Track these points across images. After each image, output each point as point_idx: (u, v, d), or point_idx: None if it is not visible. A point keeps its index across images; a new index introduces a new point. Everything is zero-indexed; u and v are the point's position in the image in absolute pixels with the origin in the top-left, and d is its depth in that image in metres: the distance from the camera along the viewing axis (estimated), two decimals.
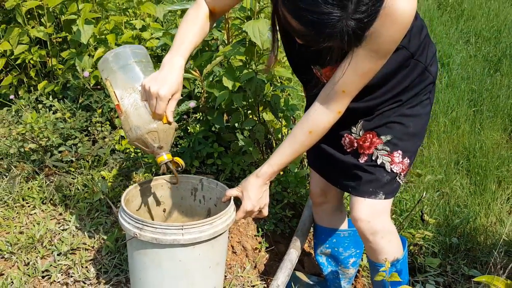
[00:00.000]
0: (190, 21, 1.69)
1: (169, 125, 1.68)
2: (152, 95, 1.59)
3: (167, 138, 1.71)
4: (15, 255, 2.15)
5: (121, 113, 1.69)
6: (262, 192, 1.77)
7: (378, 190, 1.75)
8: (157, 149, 1.70)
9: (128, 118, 1.67)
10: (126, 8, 3.07)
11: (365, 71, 1.54)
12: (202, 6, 1.71)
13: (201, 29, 1.70)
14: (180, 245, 1.66)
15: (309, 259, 2.47)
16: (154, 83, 1.59)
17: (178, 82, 1.61)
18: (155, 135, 1.67)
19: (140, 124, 1.66)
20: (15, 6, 3.04)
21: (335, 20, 1.21)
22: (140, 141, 1.69)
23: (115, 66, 1.71)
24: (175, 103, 1.64)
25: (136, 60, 1.72)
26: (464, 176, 3.53)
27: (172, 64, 1.62)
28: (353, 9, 1.21)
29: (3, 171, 2.68)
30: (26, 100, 2.99)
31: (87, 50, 2.92)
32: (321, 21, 1.22)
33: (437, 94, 4.66)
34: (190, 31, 1.68)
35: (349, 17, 1.22)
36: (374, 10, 1.25)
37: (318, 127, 1.65)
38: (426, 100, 1.77)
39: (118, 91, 1.70)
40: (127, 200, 1.86)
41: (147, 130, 1.66)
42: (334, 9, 1.20)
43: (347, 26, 1.23)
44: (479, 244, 2.77)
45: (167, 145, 1.73)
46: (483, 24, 6.49)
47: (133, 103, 1.67)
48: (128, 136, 1.70)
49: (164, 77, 1.60)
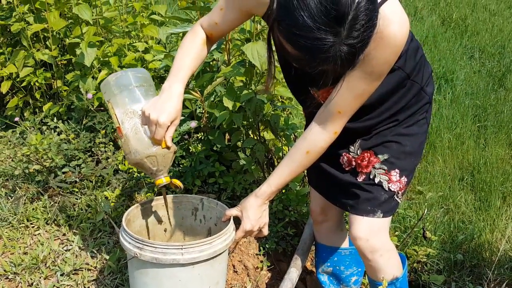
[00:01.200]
0: (187, 47, 1.73)
1: (167, 149, 1.71)
2: (151, 122, 1.63)
3: (166, 162, 1.74)
4: (19, 275, 2.17)
5: (122, 135, 1.73)
6: (261, 212, 1.78)
7: (376, 208, 1.76)
8: (156, 172, 1.74)
9: (128, 142, 1.71)
10: (129, 31, 3.12)
11: (360, 92, 1.56)
12: (199, 33, 1.74)
13: (198, 56, 1.74)
14: (179, 265, 1.67)
15: (311, 278, 2.46)
16: (154, 110, 1.63)
17: (177, 110, 1.65)
18: (154, 160, 1.71)
19: (140, 148, 1.69)
20: (21, 30, 3.10)
21: (328, 46, 1.24)
22: (139, 165, 1.73)
23: (116, 90, 1.74)
24: (174, 128, 1.68)
25: (137, 84, 1.75)
26: (468, 192, 3.52)
27: (171, 91, 1.65)
28: (346, 34, 1.24)
29: (8, 192, 2.71)
30: (31, 121, 3.03)
31: (90, 73, 2.96)
32: (315, 46, 1.25)
33: (441, 109, 4.66)
34: (187, 57, 1.71)
35: (342, 43, 1.25)
36: (367, 35, 1.28)
37: (315, 147, 1.67)
38: (423, 120, 1.79)
39: (119, 114, 1.73)
40: (128, 220, 1.88)
41: (146, 155, 1.69)
42: (327, 35, 1.23)
43: (340, 51, 1.26)
44: (484, 260, 2.75)
45: (166, 168, 1.76)
46: (487, 39, 6.50)
47: (133, 127, 1.71)
48: (128, 159, 1.74)
49: (163, 104, 1.63)
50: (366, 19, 1.25)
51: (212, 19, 1.72)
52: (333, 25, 1.22)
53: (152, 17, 3.15)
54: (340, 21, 1.22)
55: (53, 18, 3.04)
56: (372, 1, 1.26)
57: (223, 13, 1.69)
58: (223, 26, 1.72)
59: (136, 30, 3.17)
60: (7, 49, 3.32)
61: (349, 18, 1.22)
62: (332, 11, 1.21)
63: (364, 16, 1.24)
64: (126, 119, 1.72)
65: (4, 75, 3.23)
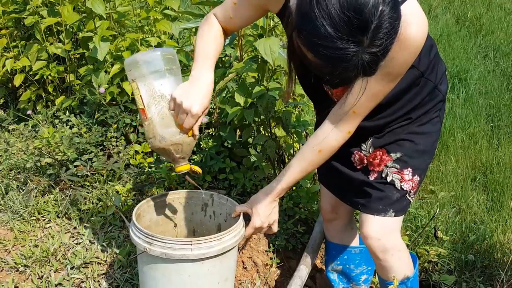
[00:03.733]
0: (207, 38, 1.70)
1: (193, 138, 1.69)
2: (183, 110, 1.60)
3: (189, 150, 1.72)
4: (29, 268, 2.18)
5: (146, 118, 1.68)
6: (271, 209, 1.77)
7: (388, 207, 1.74)
8: (178, 159, 1.72)
9: (153, 126, 1.67)
10: (142, 26, 3.12)
11: (375, 92, 1.55)
12: (214, 24, 1.72)
13: (218, 45, 1.72)
14: (189, 260, 1.67)
15: (321, 276, 2.45)
16: (187, 98, 1.60)
17: (208, 98, 1.64)
18: (179, 147, 1.68)
19: (166, 134, 1.66)
20: (34, 23, 3.11)
21: (350, 55, 1.21)
22: (163, 150, 1.69)
23: (145, 71, 1.68)
24: (202, 118, 1.66)
25: (168, 67, 1.70)
26: (480, 192, 3.49)
27: (202, 80, 1.63)
28: (369, 43, 1.21)
29: (20, 184, 2.73)
30: (44, 115, 3.05)
31: (103, 67, 2.96)
32: (337, 56, 1.21)
33: (455, 109, 4.62)
34: (210, 46, 1.69)
35: (364, 51, 1.22)
36: (389, 43, 1.24)
37: (327, 146, 1.65)
38: (436, 118, 1.77)
39: (146, 97, 1.68)
40: (138, 215, 1.88)
41: (172, 142, 1.66)
42: (349, 44, 1.19)
43: (362, 59, 1.22)
44: (496, 261, 2.73)
45: (188, 156, 1.74)
46: (502, 38, 6.43)
47: (160, 112, 1.66)
48: (151, 143, 1.70)
49: (195, 92, 1.61)
50: (390, 27, 1.21)
51: (226, 12, 1.70)
52: (355, 35, 1.19)
53: (165, 12, 3.14)
54: (363, 31, 1.19)
55: (67, 12, 3.04)
56: (396, 8, 1.23)
57: (237, 8, 1.67)
58: (237, 21, 1.71)
59: (149, 25, 3.16)
60: (21, 42, 3.34)
61: (372, 27, 1.19)
62: (354, 21, 1.17)
63: (388, 25, 1.21)
64: (153, 103, 1.67)
65: (18, 68, 3.24)
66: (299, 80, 1.87)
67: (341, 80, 1.33)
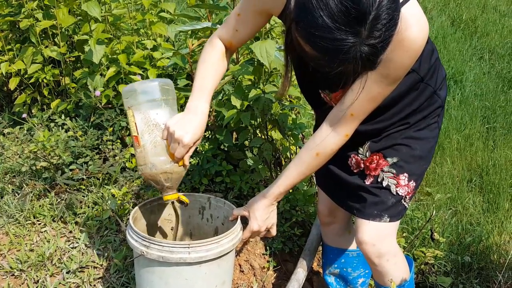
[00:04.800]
0: (208, 63, 1.70)
1: (183, 168, 1.72)
2: (175, 140, 1.62)
3: (178, 179, 1.76)
4: (25, 272, 2.17)
5: (139, 145, 1.72)
6: (269, 213, 1.77)
7: (383, 212, 1.74)
8: (167, 188, 1.76)
9: (145, 154, 1.70)
10: (138, 28, 3.11)
11: (374, 95, 1.54)
12: (217, 46, 1.71)
13: (219, 71, 1.72)
14: (186, 264, 1.67)
15: (318, 279, 2.45)
16: (179, 128, 1.62)
17: (202, 130, 1.66)
18: (169, 176, 1.72)
19: (157, 162, 1.69)
20: (29, 26, 3.09)
21: (348, 46, 1.20)
22: (153, 178, 1.73)
23: (142, 99, 1.72)
24: (194, 148, 1.67)
25: (164, 97, 1.74)
26: (476, 194, 3.50)
27: (197, 111, 1.65)
28: (367, 35, 1.20)
29: (15, 188, 2.71)
30: (39, 118, 3.03)
31: (99, 70, 2.95)
32: (334, 47, 1.21)
33: (450, 111, 4.64)
34: (209, 74, 1.69)
35: (363, 43, 1.21)
36: (388, 35, 1.24)
37: (325, 149, 1.65)
38: (434, 124, 1.77)
39: (140, 124, 1.72)
40: (135, 218, 1.88)
41: (162, 170, 1.70)
42: (347, 35, 1.19)
43: (360, 51, 1.22)
44: (492, 263, 2.73)
45: (177, 185, 1.78)
46: (497, 40, 6.45)
47: (153, 140, 1.70)
48: (141, 170, 1.74)
49: (189, 123, 1.63)
50: (388, 18, 1.21)
51: (231, 27, 1.69)
52: (353, 25, 1.18)
53: (161, 14, 3.14)
54: (361, 21, 1.18)
55: (62, 14, 3.03)
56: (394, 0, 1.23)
57: (242, 19, 1.66)
58: (244, 32, 1.69)
59: (144, 28, 3.16)
60: (16, 46, 3.32)
61: (370, 17, 1.18)
62: (352, 11, 1.17)
63: (386, 15, 1.20)
64: (147, 131, 1.71)
65: (13, 71, 3.23)
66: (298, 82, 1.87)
67: (340, 75, 1.32)
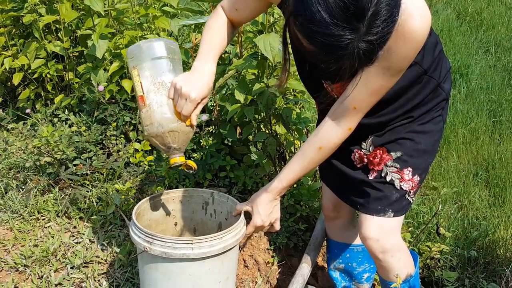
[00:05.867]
0: (214, 28, 1.70)
1: (190, 128, 1.67)
2: (182, 95, 1.59)
3: (185, 140, 1.70)
4: (29, 268, 2.17)
5: (144, 105, 1.67)
6: (272, 207, 1.75)
7: (387, 208, 1.72)
8: (173, 150, 1.69)
9: (151, 113, 1.65)
10: (141, 23, 3.09)
11: (376, 88, 1.52)
12: (222, 15, 1.72)
13: (226, 36, 1.71)
14: (190, 260, 1.66)
15: (322, 273, 2.44)
16: (186, 84, 1.59)
17: (209, 87, 1.63)
18: (176, 135, 1.66)
19: (163, 121, 1.64)
20: (33, 21, 3.09)
21: (345, 43, 1.19)
22: (159, 138, 1.67)
23: (147, 57, 1.68)
24: (201, 107, 1.65)
25: (170, 56, 1.70)
26: (483, 188, 3.47)
27: (203, 69, 1.63)
28: (365, 31, 1.19)
29: (19, 184, 2.71)
30: (43, 113, 3.03)
31: (102, 65, 2.94)
32: (332, 43, 1.20)
33: (456, 104, 4.61)
34: (216, 37, 1.69)
35: (361, 39, 1.19)
36: (386, 31, 1.22)
37: (328, 143, 1.63)
38: (439, 117, 1.74)
39: (146, 83, 1.67)
40: (138, 214, 1.87)
41: (169, 129, 1.64)
42: (345, 31, 1.17)
43: (358, 47, 1.20)
44: (499, 257, 2.71)
45: (183, 147, 1.71)
46: (503, 33, 6.41)
47: (159, 99, 1.65)
48: (147, 130, 1.67)
49: (196, 80, 1.61)
50: (387, 14, 1.19)
51: (232, 4, 1.69)
52: (351, 21, 1.16)
53: (164, 8, 3.12)
54: (359, 17, 1.16)
55: (65, 9, 3.02)
56: None
57: (242, 0, 1.67)
58: (243, 13, 1.69)
59: (148, 22, 3.14)
60: (19, 41, 3.32)
61: (369, 14, 1.16)
62: (351, 7, 1.15)
63: (385, 12, 1.18)
64: (152, 90, 1.66)
65: (16, 66, 3.23)
66: (298, 73, 1.85)
67: (336, 70, 1.30)
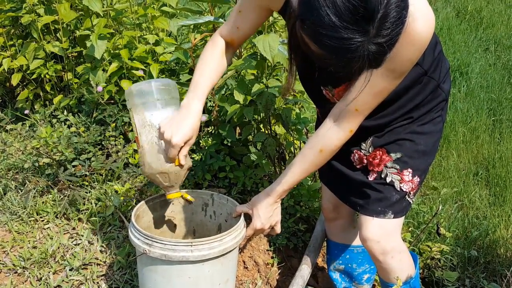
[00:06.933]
0: (206, 59, 1.71)
1: (180, 167, 1.73)
2: (165, 140, 1.64)
3: (178, 179, 1.77)
4: (28, 270, 2.16)
5: (139, 146, 1.76)
6: (272, 211, 1.75)
7: (387, 209, 1.71)
8: (167, 187, 1.78)
9: (143, 154, 1.73)
10: (140, 23, 3.08)
11: (379, 90, 1.51)
12: (218, 43, 1.72)
13: (217, 68, 1.72)
14: (189, 262, 1.65)
15: (323, 274, 2.43)
16: (169, 129, 1.63)
17: (193, 129, 1.65)
18: (166, 176, 1.73)
19: (153, 163, 1.71)
20: (31, 22, 3.08)
21: (356, 45, 1.17)
22: (152, 178, 1.75)
23: (138, 101, 1.75)
24: (188, 148, 1.68)
25: (159, 97, 1.75)
26: (483, 187, 3.47)
27: (189, 109, 1.65)
28: (375, 33, 1.17)
29: (18, 185, 2.70)
30: (42, 114, 3.02)
31: (101, 65, 2.93)
32: (342, 46, 1.17)
33: (456, 103, 4.60)
34: (206, 71, 1.70)
35: (370, 42, 1.17)
36: (396, 33, 1.20)
37: (329, 145, 1.62)
38: (438, 118, 1.73)
39: (138, 125, 1.75)
40: (138, 216, 1.86)
41: (159, 171, 1.72)
42: (354, 34, 1.15)
43: (368, 50, 1.18)
44: (499, 257, 2.71)
45: (178, 184, 1.79)
46: (503, 32, 6.40)
47: (150, 141, 1.72)
48: (142, 171, 1.77)
49: (180, 122, 1.63)
50: (397, 16, 1.17)
51: (232, 24, 1.69)
52: (361, 24, 1.14)
53: (163, 9, 3.11)
54: (369, 20, 1.14)
55: (64, 9, 3.01)
56: None
57: (243, 15, 1.66)
58: (245, 28, 1.68)
59: (146, 22, 3.14)
60: (18, 41, 3.31)
61: (378, 16, 1.14)
62: (360, 9, 1.13)
63: (395, 13, 1.16)
64: (144, 132, 1.74)
65: (15, 67, 3.22)
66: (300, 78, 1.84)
67: (346, 73, 1.28)
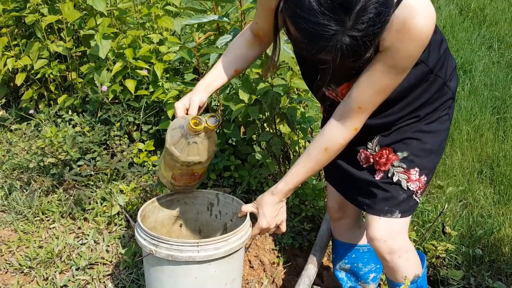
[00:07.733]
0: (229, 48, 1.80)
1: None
2: None
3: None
4: (34, 270, 2.17)
5: None
6: (278, 210, 1.74)
7: (394, 208, 1.70)
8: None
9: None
10: (144, 22, 3.08)
11: (382, 87, 1.51)
12: (244, 33, 1.79)
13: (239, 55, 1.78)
14: (195, 262, 1.65)
15: (328, 274, 2.43)
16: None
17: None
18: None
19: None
20: (35, 22, 3.08)
21: (329, 33, 1.21)
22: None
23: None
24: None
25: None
26: (487, 186, 3.46)
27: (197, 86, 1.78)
28: (351, 25, 1.20)
29: (23, 185, 2.71)
30: (46, 114, 3.03)
31: (105, 65, 2.94)
32: (316, 31, 1.22)
33: (460, 101, 4.59)
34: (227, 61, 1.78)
35: (345, 33, 1.21)
36: (373, 31, 1.23)
37: (333, 144, 1.62)
38: (445, 116, 1.73)
39: None
40: (143, 216, 1.86)
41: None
42: (330, 21, 1.19)
43: (341, 41, 1.22)
44: (504, 255, 2.70)
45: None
46: (506, 29, 6.37)
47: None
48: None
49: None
50: (375, 12, 1.20)
51: (254, 19, 1.75)
52: (338, 12, 1.18)
53: (167, 8, 3.11)
54: (347, 9, 1.18)
55: (67, 9, 3.02)
56: None
57: (258, 12, 1.71)
58: (261, 23, 1.71)
59: (150, 22, 3.14)
60: (22, 41, 3.31)
61: (356, 8, 1.18)
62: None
63: (373, 9, 1.19)
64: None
65: (19, 67, 3.22)
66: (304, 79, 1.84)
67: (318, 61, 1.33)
